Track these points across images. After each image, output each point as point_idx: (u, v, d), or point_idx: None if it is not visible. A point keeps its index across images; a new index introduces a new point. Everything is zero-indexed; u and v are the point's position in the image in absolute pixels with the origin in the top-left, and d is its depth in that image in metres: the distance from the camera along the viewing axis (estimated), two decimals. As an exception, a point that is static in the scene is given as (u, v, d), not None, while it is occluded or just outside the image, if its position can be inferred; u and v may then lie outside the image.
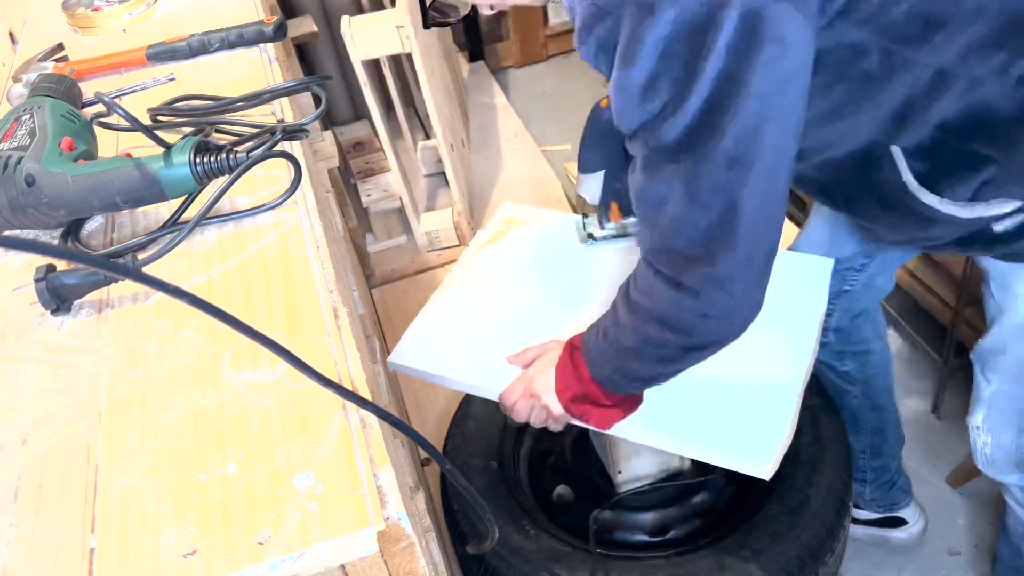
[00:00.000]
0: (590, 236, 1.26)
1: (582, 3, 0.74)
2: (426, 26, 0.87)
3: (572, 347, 0.99)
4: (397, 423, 0.61)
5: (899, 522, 1.55)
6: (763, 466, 0.94)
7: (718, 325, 0.82)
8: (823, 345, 1.33)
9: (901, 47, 0.77)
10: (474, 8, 0.91)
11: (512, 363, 1.07)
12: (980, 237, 0.91)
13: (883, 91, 0.81)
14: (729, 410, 1.00)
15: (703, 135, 0.72)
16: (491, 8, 0.92)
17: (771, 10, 0.67)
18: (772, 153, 0.73)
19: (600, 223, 1.26)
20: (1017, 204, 0.86)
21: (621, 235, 1.27)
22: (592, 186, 1.18)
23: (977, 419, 1.11)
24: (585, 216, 1.29)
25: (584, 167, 1.18)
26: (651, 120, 0.74)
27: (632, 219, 1.27)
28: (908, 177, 0.87)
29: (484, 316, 1.17)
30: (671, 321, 0.83)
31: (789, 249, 1.27)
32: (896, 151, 0.86)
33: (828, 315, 1.17)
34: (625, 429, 1.01)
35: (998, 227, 0.88)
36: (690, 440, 0.99)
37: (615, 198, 1.22)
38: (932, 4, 0.76)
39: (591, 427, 1.02)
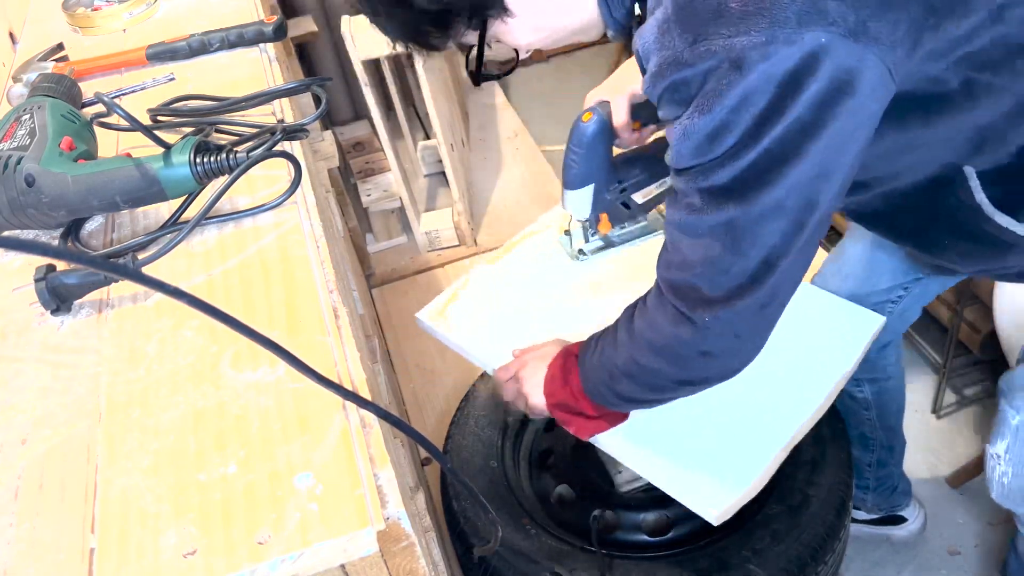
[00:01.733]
0: (580, 252, 1.26)
1: (660, 51, 0.69)
2: (476, 84, 0.86)
3: (567, 354, 0.99)
4: (397, 423, 0.61)
5: (899, 520, 1.56)
6: (711, 510, 0.94)
7: (716, 364, 0.82)
8: None
9: (982, 74, 0.74)
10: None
11: (515, 354, 1.09)
12: None
13: (961, 119, 0.78)
14: (704, 447, 1.00)
15: (758, 183, 0.69)
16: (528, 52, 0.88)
17: (864, 63, 0.65)
18: (824, 207, 0.71)
19: (586, 237, 1.25)
20: None
21: (608, 246, 1.27)
22: (580, 201, 1.16)
23: (999, 448, 1.09)
24: (566, 233, 1.28)
25: (571, 183, 1.15)
26: (708, 163, 0.71)
27: (619, 230, 1.27)
28: (982, 197, 0.83)
29: (517, 301, 1.20)
30: (669, 353, 0.83)
31: (815, 277, 1.25)
32: (969, 171, 0.83)
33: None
34: (600, 439, 1.02)
35: None
36: (655, 466, 0.99)
37: (605, 210, 1.21)
38: (1016, 29, 0.72)
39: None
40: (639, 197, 1.23)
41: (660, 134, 1.20)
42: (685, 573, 1.11)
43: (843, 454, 1.25)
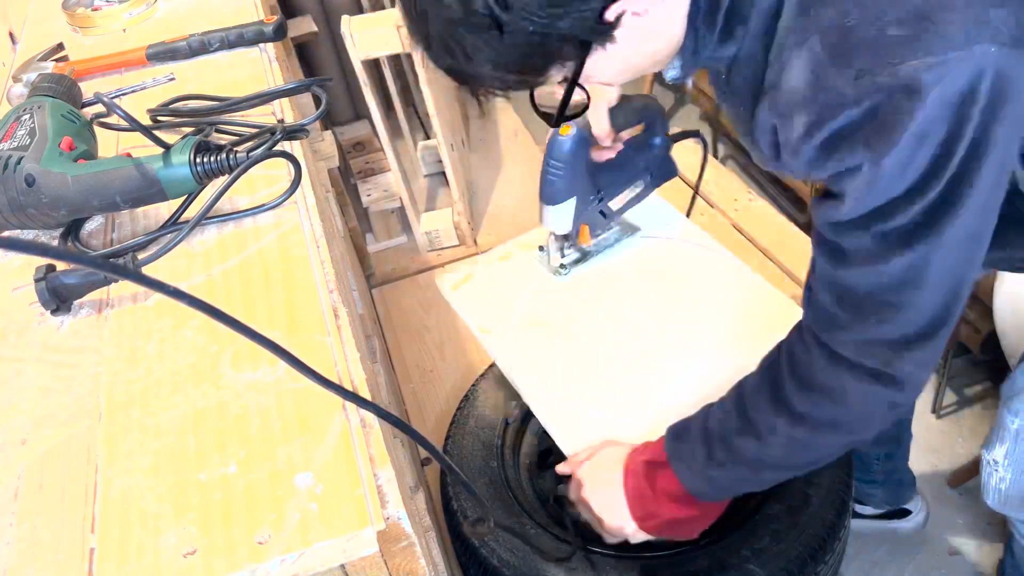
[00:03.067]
0: (561, 267, 1.25)
1: (815, 98, 0.64)
2: (557, 125, 0.82)
3: (649, 466, 0.92)
4: (397, 422, 0.61)
5: (904, 513, 1.57)
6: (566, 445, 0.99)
7: (901, 409, 0.78)
8: None
9: None
10: None
11: (563, 471, 1.05)
12: None
13: None
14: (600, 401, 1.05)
15: (947, 213, 0.65)
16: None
17: (1016, 67, 0.61)
18: (996, 214, 0.68)
19: (562, 251, 1.25)
20: None
21: (583, 256, 1.27)
22: (562, 215, 1.15)
23: (997, 454, 1.08)
24: (540, 249, 1.28)
25: (552, 198, 1.13)
26: (888, 204, 0.66)
27: (594, 239, 1.27)
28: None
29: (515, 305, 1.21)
30: (858, 417, 0.77)
31: None
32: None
33: None
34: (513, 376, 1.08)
35: None
36: (544, 401, 1.05)
37: (586, 220, 1.21)
38: None
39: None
40: (614, 204, 1.23)
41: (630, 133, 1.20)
42: (685, 573, 1.11)
43: (843, 454, 1.24)
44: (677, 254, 1.27)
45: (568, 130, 1.09)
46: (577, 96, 0.73)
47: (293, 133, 0.93)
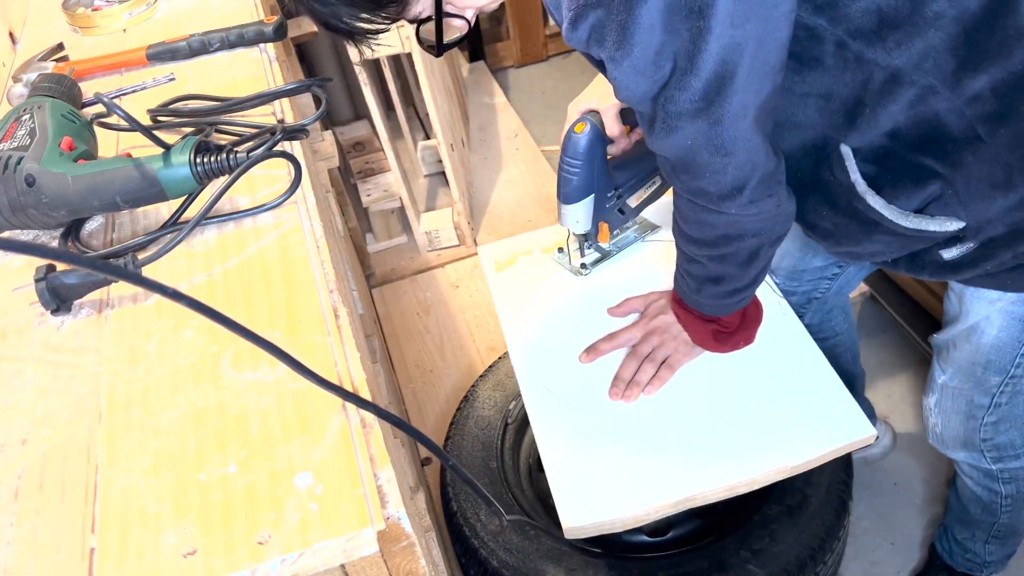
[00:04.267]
0: (583, 266, 1.25)
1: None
2: (439, 54, 0.84)
3: (677, 303, 1.08)
4: (397, 422, 0.61)
5: None
6: (567, 522, 0.94)
7: (775, 219, 0.90)
8: None
9: (855, 41, 0.78)
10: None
11: (614, 314, 1.17)
12: (930, 262, 0.92)
13: (834, 82, 0.82)
14: (614, 463, 1.00)
15: (719, 98, 0.74)
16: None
17: None
18: (770, 86, 0.76)
19: (582, 251, 1.25)
20: (960, 225, 0.85)
21: (604, 256, 1.26)
22: (580, 214, 1.15)
23: (930, 401, 1.17)
24: (560, 251, 1.27)
25: (570, 197, 1.13)
26: (662, 89, 0.75)
27: (620, 235, 1.27)
28: (856, 177, 0.88)
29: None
30: (735, 233, 0.90)
31: None
32: (846, 151, 0.87)
33: (800, 316, 1.19)
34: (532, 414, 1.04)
35: (947, 255, 0.89)
36: (557, 459, 1.00)
37: (604, 218, 1.21)
38: (887, 2, 0.75)
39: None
40: (632, 201, 1.23)
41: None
42: (685, 573, 1.11)
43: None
44: None
45: (583, 128, 1.09)
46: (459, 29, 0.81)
47: (293, 133, 0.93)
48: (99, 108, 1.00)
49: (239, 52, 1.17)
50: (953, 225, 0.86)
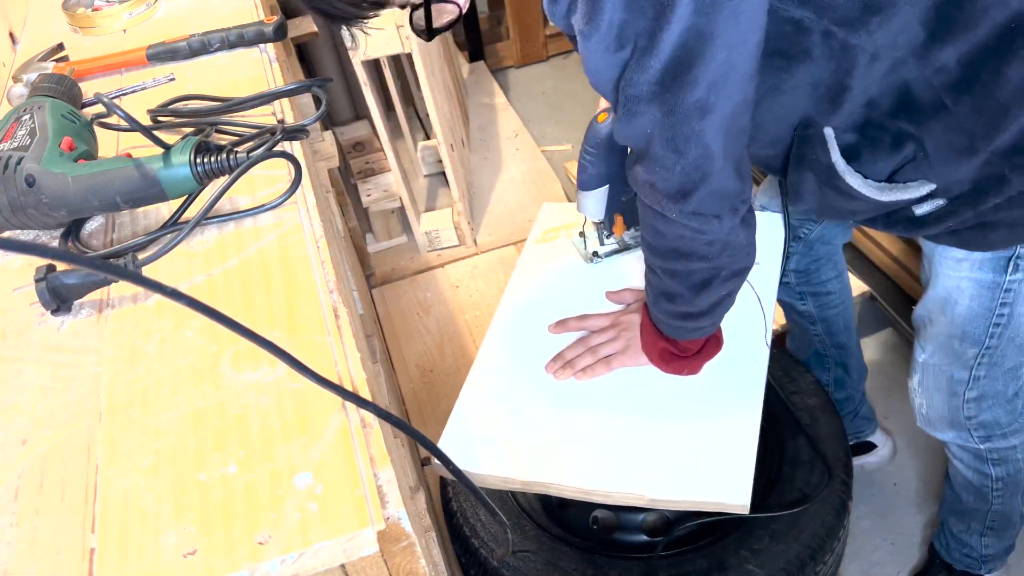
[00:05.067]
0: (594, 254, 1.26)
1: None
2: (429, 39, 0.86)
3: (645, 310, 1.07)
4: (399, 423, 0.61)
5: (869, 447, 1.64)
6: (740, 503, 0.96)
7: (725, 248, 0.89)
8: (783, 284, 1.39)
9: (840, 29, 0.80)
10: (473, 6, 0.92)
11: (610, 299, 1.18)
12: (902, 218, 0.95)
13: (821, 71, 0.84)
14: (689, 454, 1.00)
15: (675, 86, 0.75)
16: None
17: None
18: (739, 96, 0.77)
19: (600, 239, 1.25)
20: (931, 187, 0.89)
21: (623, 249, 1.27)
22: (594, 203, 1.17)
23: (914, 382, 1.18)
24: (581, 235, 1.28)
25: (585, 184, 1.15)
26: (623, 71, 0.77)
27: (634, 231, 1.27)
28: (836, 158, 0.90)
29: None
30: (685, 250, 0.90)
31: None
32: (829, 133, 0.89)
33: (788, 257, 1.22)
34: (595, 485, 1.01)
35: (919, 211, 0.92)
36: (668, 488, 0.98)
37: (620, 211, 1.21)
38: None
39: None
40: None
41: None
42: (685, 573, 1.11)
43: (842, 454, 1.25)
44: None
45: (605, 118, 1.10)
46: (450, 13, 0.83)
47: (293, 133, 0.93)
48: (99, 108, 1.00)
49: (239, 52, 1.17)
50: (924, 189, 0.89)
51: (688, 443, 1.01)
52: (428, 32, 0.84)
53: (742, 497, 0.96)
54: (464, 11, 0.86)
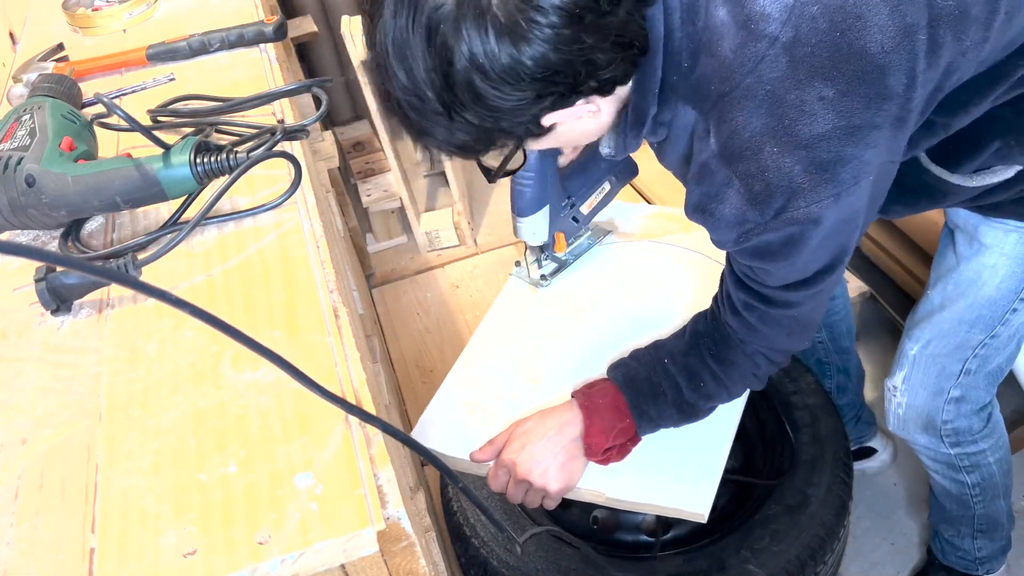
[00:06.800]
0: (542, 278, 1.25)
1: (738, 226, 0.78)
2: (492, 181, 0.91)
3: (617, 408, 0.98)
4: (406, 440, 0.61)
5: (869, 452, 1.65)
6: (701, 511, 0.96)
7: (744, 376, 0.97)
8: None
9: (938, 116, 0.84)
10: None
11: (478, 459, 1.02)
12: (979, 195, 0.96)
13: (915, 140, 0.87)
14: (664, 459, 1.01)
15: (817, 285, 0.85)
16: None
17: (887, 173, 0.79)
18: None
19: (539, 263, 1.25)
20: (1018, 168, 0.90)
21: (561, 265, 1.27)
22: (537, 226, 1.15)
23: (896, 380, 1.18)
24: (517, 264, 1.27)
25: (526, 209, 1.13)
26: (797, 281, 0.84)
27: (575, 243, 1.27)
28: (921, 155, 0.92)
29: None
30: (771, 368, 0.97)
31: None
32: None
33: None
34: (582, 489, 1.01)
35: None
36: (635, 488, 0.99)
37: (560, 228, 1.21)
38: (993, 47, 0.79)
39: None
40: (585, 208, 1.23)
41: None
42: (684, 573, 1.11)
43: (842, 454, 1.25)
44: (648, 256, 1.28)
45: None
46: (516, 159, 0.88)
47: (293, 133, 0.93)
48: (99, 108, 1.00)
49: (239, 52, 1.17)
50: (1011, 172, 0.91)
51: (656, 447, 1.01)
52: (494, 176, 0.89)
53: (702, 506, 0.96)
54: (525, 161, 0.92)
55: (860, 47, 0.71)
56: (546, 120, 0.75)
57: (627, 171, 1.27)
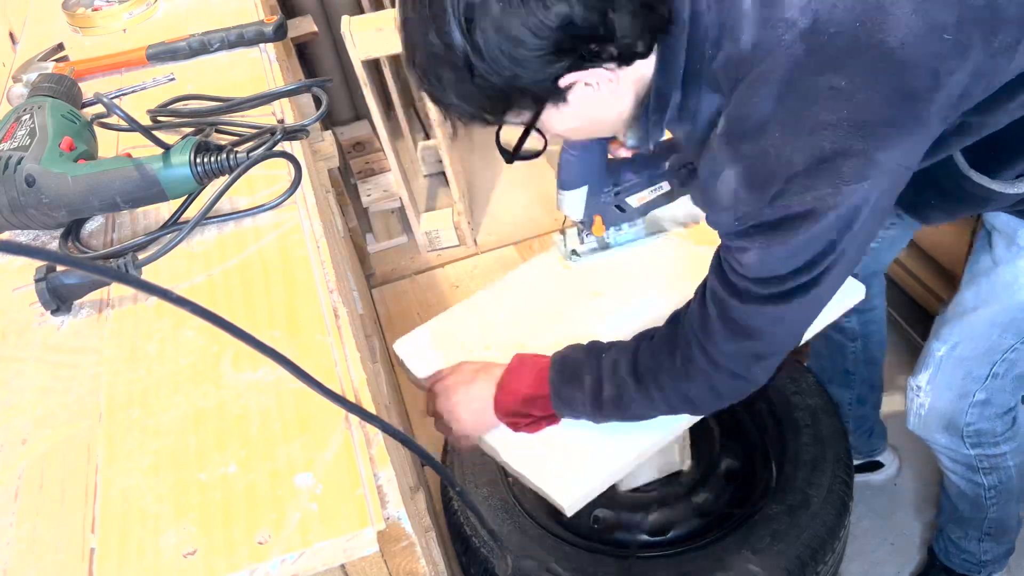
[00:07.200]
0: (573, 252, 1.26)
1: (736, 207, 0.77)
2: (510, 162, 0.91)
3: (538, 367, 0.99)
4: (406, 440, 0.61)
5: (877, 465, 1.64)
6: (564, 501, 0.96)
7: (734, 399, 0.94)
8: None
9: (972, 117, 0.81)
10: None
11: (418, 381, 1.09)
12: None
13: (951, 141, 0.85)
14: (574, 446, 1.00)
15: (817, 283, 0.81)
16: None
17: (897, 183, 0.76)
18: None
19: (581, 238, 1.25)
20: None
21: (603, 248, 1.27)
22: (574, 202, 1.17)
23: (921, 379, 1.17)
24: (563, 232, 1.28)
25: (565, 184, 1.15)
26: (777, 276, 0.80)
27: (614, 232, 1.27)
28: (959, 158, 0.91)
29: (509, 306, 1.21)
30: (707, 399, 0.92)
31: None
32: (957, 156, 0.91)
33: None
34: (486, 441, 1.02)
35: None
36: (523, 457, 1.00)
37: (600, 212, 1.21)
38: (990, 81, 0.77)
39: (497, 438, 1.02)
40: (634, 201, 1.23)
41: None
42: (685, 573, 1.11)
43: (843, 453, 1.25)
44: (689, 257, 1.27)
45: None
46: (536, 143, 0.87)
47: (293, 133, 0.93)
48: (99, 108, 1.00)
49: (239, 52, 1.17)
50: None
51: (567, 435, 1.00)
52: (512, 154, 0.88)
53: (569, 502, 0.96)
54: (545, 148, 0.90)
55: (879, 40, 0.70)
56: (563, 80, 0.75)
57: (691, 179, 1.27)
